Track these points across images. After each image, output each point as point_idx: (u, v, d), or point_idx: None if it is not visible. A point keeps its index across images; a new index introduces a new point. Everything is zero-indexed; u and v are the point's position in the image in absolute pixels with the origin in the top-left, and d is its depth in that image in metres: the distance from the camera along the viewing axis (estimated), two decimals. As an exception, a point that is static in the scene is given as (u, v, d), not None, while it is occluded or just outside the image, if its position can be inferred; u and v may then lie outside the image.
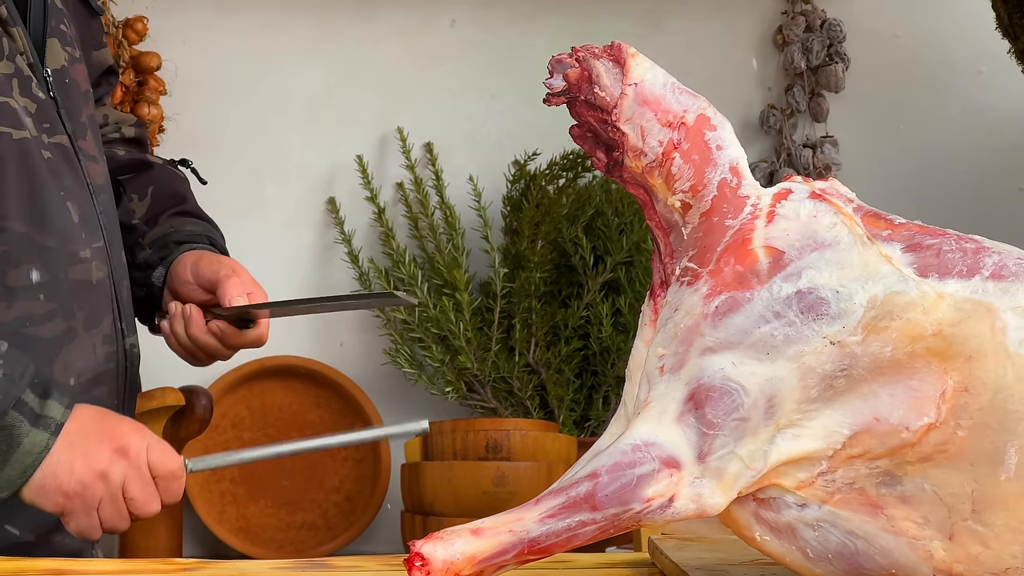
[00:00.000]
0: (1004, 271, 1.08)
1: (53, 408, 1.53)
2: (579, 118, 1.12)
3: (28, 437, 1.51)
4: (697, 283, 1.09)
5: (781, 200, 1.10)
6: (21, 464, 1.51)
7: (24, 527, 1.64)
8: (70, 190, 1.64)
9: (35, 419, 1.52)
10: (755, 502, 1.10)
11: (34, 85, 1.63)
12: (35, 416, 1.52)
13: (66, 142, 1.66)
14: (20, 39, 1.63)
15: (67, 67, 1.70)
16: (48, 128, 1.64)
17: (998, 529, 1.07)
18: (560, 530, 1.04)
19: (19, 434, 1.51)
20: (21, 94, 1.61)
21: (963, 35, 3.43)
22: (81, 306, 1.64)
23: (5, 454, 1.51)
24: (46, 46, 1.68)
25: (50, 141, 1.64)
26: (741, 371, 1.06)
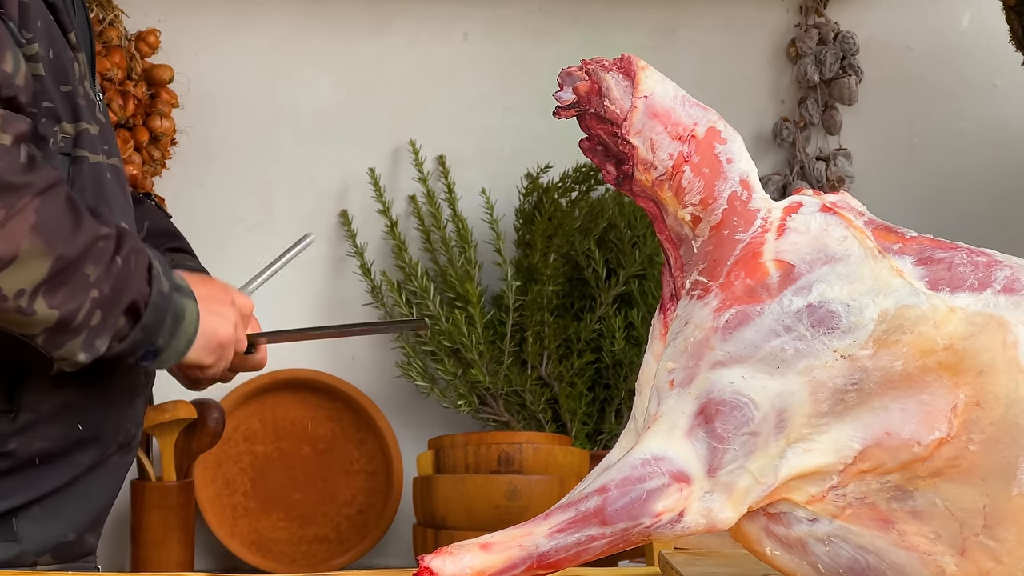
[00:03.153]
0: (1016, 285, 1.07)
1: (179, 279, 1.70)
2: (589, 131, 1.12)
3: (187, 310, 1.69)
4: (707, 297, 1.08)
5: (792, 213, 1.10)
6: (187, 334, 1.70)
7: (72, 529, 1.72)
8: (124, 210, 1.74)
9: (181, 290, 1.68)
10: (766, 517, 1.09)
11: (97, 109, 1.72)
12: (179, 287, 1.68)
13: (118, 163, 1.75)
14: (83, 65, 1.70)
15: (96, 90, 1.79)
16: (107, 150, 1.72)
17: (1010, 544, 1.06)
18: (570, 544, 1.04)
19: (181, 309, 1.68)
20: (90, 120, 1.69)
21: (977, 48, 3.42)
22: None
23: (174, 330, 1.68)
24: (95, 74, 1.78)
25: (108, 163, 1.72)
26: (751, 385, 1.05)
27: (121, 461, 1.78)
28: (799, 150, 3.47)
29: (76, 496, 1.72)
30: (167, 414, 2.98)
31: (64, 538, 1.71)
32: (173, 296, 1.66)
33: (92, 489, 1.74)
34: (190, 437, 3.03)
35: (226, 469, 3.22)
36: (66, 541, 1.71)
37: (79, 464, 1.71)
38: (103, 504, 1.77)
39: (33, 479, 1.68)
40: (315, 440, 3.25)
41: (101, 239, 1.58)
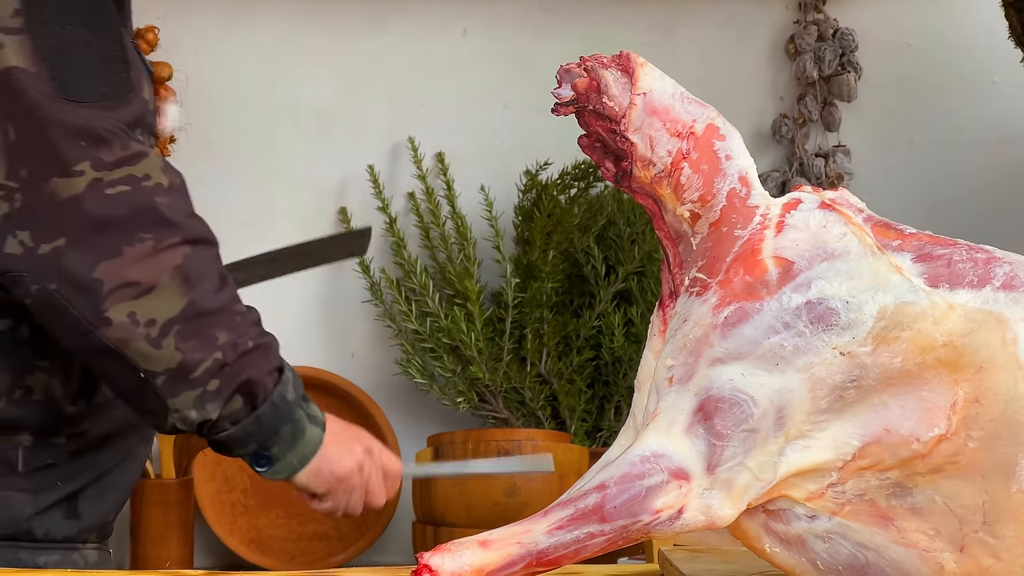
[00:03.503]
0: (1015, 281, 1.07)
1: (315, 409, 1.81)
2: (587, 128, 1.11)
3: (309, 431, 1.79)
4: (706, 293, 1.08)
5: (790, 210, 1.10)
6: (302, 453, 1.79)
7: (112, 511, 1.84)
8: None
9: (311, 417, 1.80)
10: (765, 513, 1.09)
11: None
12: (311, 415, 1.79)
13: None
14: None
15: None
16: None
17: (1009, 541, 1.06)
18: (568, 542, 1.04)
19: (303, 427, 1.78)
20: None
21: (976, 45, 3.42)
22: None
23: (291, 443, 1.77)
24: None
25: None
26: (750, 382, 1.05)
27: (144, 450, 1.88)
28: (798, 147, 3.47)
29: (117, 480, 1.83)
30: (166, 411, 2.98)
31: (107, 519, 1.83)
32: (298, 409, 1.77)
33: (125, 474, 1.84)
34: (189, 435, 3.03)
35: (225, 466, 3.21)
36: (107, 522, 1.83)
37: (125, 448, 1.82)
38: (129, 487, 1.86)
39: (94, 460, 1.79)
40: (314, 437, 3.25)
41: (240, 312, 1.70)
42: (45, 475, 1.76)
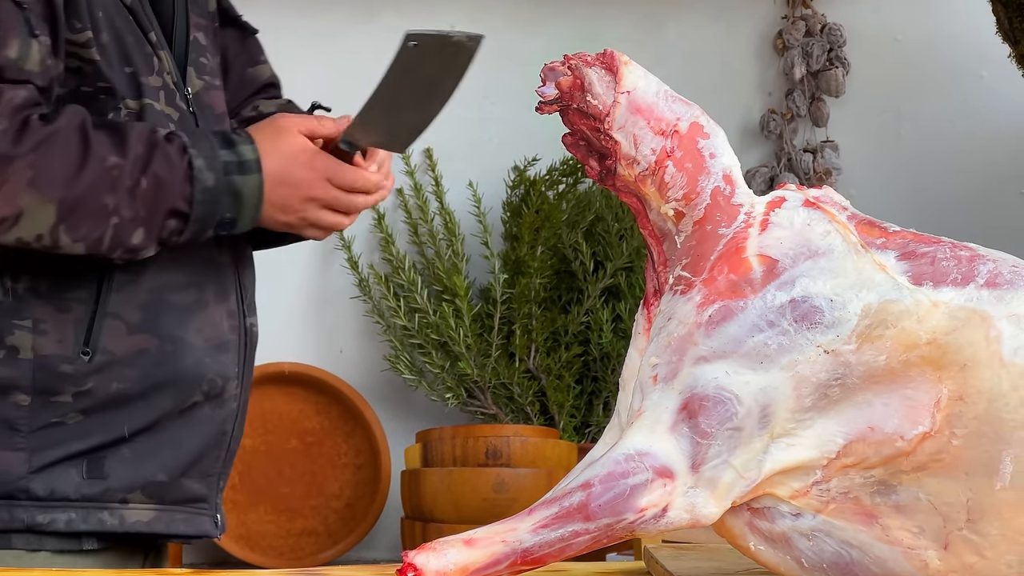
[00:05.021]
0: (999, 279, 1.07)
1: (246, 151, 1.83)
2: (572, 126, 1.11)
3: (246, 185, 1.82)
4: (690, 292, 1.08)
5: (775, 208, 1.10)
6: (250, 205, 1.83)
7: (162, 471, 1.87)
8: None
9: (240, 167, 1.82)
10: (749, 512, 1.09)
11: (177, 98, 1.90)
12: (240, 166, 1.82)
13: None
14: (166, 61, 1.89)
15: (202, 92, 1.97)
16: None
17: (993, 539, 1.06)
18: (553, 540, 1.04)
19: (237, 187, 1.81)
20: (167, 103, 1.88)
21: (964, 39, 3.42)
22: (212, 282, 1.92)
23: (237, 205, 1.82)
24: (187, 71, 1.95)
25: None
26: (735, 380, 1.05)
27: (214, 414, 1.91)
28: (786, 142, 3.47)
29: (165, 440, 1.87)
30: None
31: (154, 478, 1.86)
32: (224, 182, 1.80)
33: (181, 435, 1.88)
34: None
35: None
36: (156, 481, 1.86)
37: (159, 407, 1.85)
38: (195, 451, 1.90)
39: (117, 419, 1.83)
40: (303, 433, 3.25)
41: (114, 168, 1.75)
42: (50, 434, 1.81)
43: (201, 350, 1.89)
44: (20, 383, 1.80)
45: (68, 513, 1.82)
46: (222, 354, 1.92)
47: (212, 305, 1.92)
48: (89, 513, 1.83)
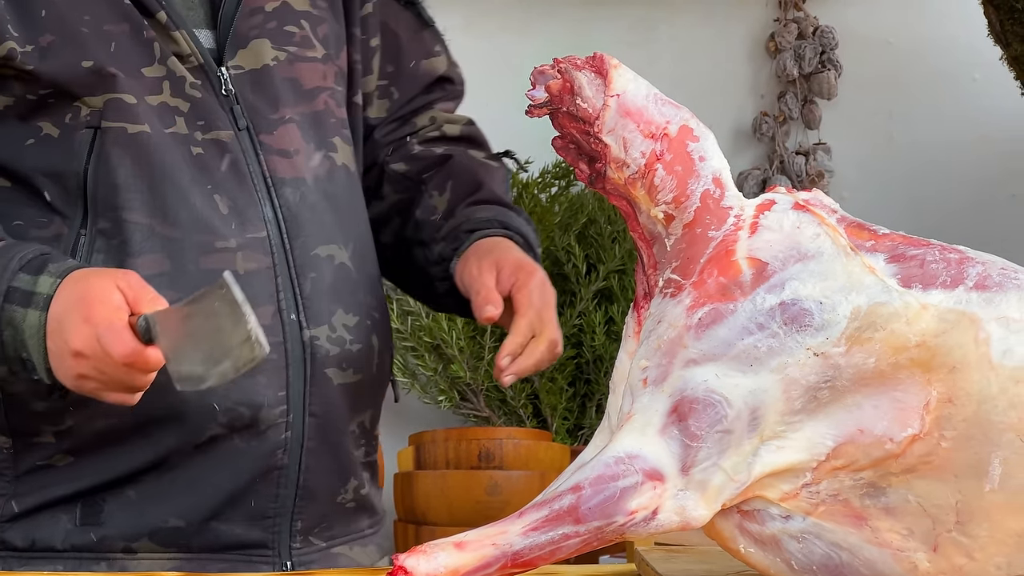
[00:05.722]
0: (988, 281, 1.08)
1: (43, 283, 1.53)
2: (561, 129, 1.11)
3: (26, 320, 1.53)
4: (680, 295, 1.08)
5: (764, 211, 1.10)
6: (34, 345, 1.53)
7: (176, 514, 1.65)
8: (222, 184, 1.67)
9: (27, 299, 1.53)
10: (739, 514, 1.10)
11: (188, 85, 1.68)
12: (28, 296, 1.53)
13: (229, 137, 1.69)
14: (184, 41, 1.68)
15: (273, 66, 1.73)
16: (203, 125, 1.68)
17: (982, 540, 1.07)
18: (543, 543, 1.04)
19: (19, 320, 1.53)
20: (173, 95, 1.67)
21: (955, 42, 3.43)
22: None
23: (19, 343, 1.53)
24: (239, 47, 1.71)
25: (204, 137, 1.68)
26: (724, 383, 1.05)
27: (249, 447, 1.65)
28: (779, 144, 3.48)
29: (178, 479, 1.64)
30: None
31: (165, 523, 1.64)
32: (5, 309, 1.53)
33: (201, 474, 1.65)
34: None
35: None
36: (170, 527, 1.64)
37: (163, 444, 1.63)
38: (227, 491, 1.65)
39: (114, 458, 1.63)
40: (296, 436, 3.24)
41: None
42: (36, 478, 1.64)
43: None
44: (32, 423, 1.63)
45: (53, 565, 1.63)
46: (245, 379, 1.58)
47: None
48: (81, 564, 1.63)
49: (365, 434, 1.78)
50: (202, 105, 1.68)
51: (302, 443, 1.67)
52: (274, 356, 1.64)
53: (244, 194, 1.68)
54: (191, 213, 1.65)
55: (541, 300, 1.74)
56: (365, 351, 1.73)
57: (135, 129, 1.64)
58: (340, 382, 1.70)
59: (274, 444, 1.65)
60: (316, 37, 1.78)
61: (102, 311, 1.49)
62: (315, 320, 1.68)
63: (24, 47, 1.62)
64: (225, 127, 1.69)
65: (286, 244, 1.69)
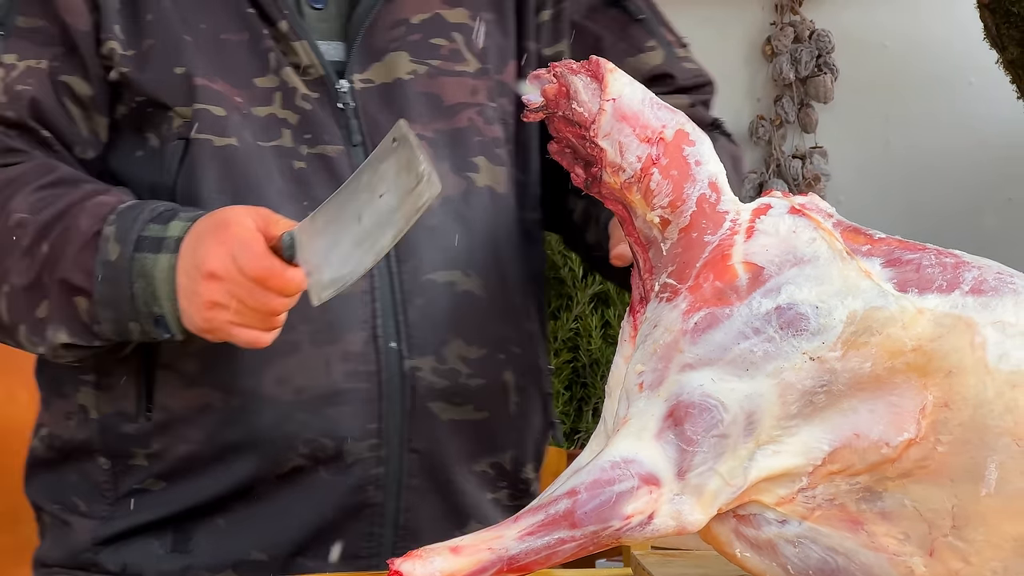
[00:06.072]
0: (984, 286, 1.08)
1: (174, 227, 1.48)
2: (557, 134, 1.11)
3: (157, 265, 1.47)
4: (676, 299, 1.08)
5: (760, 215, 1.10)
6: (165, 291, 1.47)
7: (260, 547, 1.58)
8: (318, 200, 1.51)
9: (157, 245, 1.48)
10: (735, 518, 1.10)
11: (299, 97, 1.60)
12: (158, 242, 1.48)
13: (337, 152, 1.59)
14: (304, 52, 1.60)
15: (408, 80, 1.63)
16: (310, 139, 1.59)
17: (978, 545, 1.07)
18: (539, 547, 1.04)
19: (150, 267, 1.47)
20: (283, 106, 1.59)
21: (951, 46, 3.43)
22: (306, 319, 1.52)
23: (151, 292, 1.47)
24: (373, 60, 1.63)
25: (310, 152, 1.59)
26: (720, 387, 1.05)
27: (335, 481, 1.56)
28: (775, 148, 3.48)
29: (264, 510, 1.57)
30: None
31: (247, 556, 1.57)
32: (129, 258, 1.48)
33: (286, 505, 1.57)
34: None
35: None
36: (251, 560, 1.57)
37: (244, 472, 1.56)
38: (312, 526, 1.57)
39: (196, 485, 1.57)
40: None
41: (18, 226, 1.52)
42: (133, 502, 1.59)
43: (288, 405, 1.54)
44: (97, 446, 1.59)
45: None
46: (329, 408, 1.55)
47: (307, 348, 1.55)
48: None
49: (506, 476, 1.67)
50: (312, 118, 1.60)
51: (399, 480, 1.57)
52: (365, 386, 1.56)
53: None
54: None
55: None
56: (492, 387, 1.61)
57: (222, 142, 1.57)
58: (451, 418, 1.59)
59: (363, 479, 1.56)
60: (471, 50, 1.67)
61: (237, 232, 1.43)
62: (418, 350, 1.58)
63: (126, 51, 1.58)
64: (335, 142, 1.60)
65: (392, 267, 1.58)
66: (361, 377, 1.55)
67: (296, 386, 1.55)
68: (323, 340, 1.55)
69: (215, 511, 1.57)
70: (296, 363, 1.54)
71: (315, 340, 1.55)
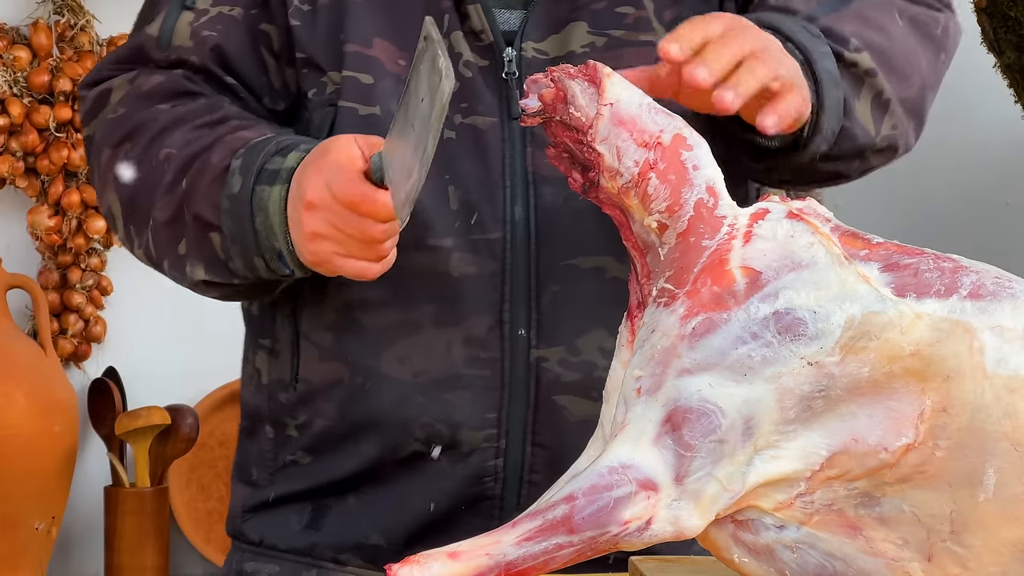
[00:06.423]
0: (982, 290, 1.08)
1: (291, 159, 1.43)
2: (555, 138, 1.11)
3: (271, 197, 1.43)
4: (674, 304, 1.08)
5: (758, 220, 1.10)
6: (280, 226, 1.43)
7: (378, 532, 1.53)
8: (463, 175, 1.50)
9: (274, 177, 1.43)
10: (733, 524, 1.10)
11: (462, 64, 1.51)
12: (275, 174, 1.43)
13: (489, 125, 1.51)
14: (477, 16, 1.50)
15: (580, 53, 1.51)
16: (465, 108, 1.51)
17: (977, 550, 1.07)
18: (537, 553, 1.04)
19: (266, 199, 1.43)
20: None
21: (949, 50, 3.42)
22: (430, 299, 1.48)
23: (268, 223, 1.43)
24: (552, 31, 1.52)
25: (463, 121, 1.51)
26: (718, 392, 1.05)
27: (454, 470, 1.50)
28: (773, 153, 3.48)
29: (388, 494, 1.52)
30: (141, 420, 2.98)
31: (366, 540, 1.52)
32: (248, 191, 1.44)
33: (406, 492, 1.51)
34: (164, 443, 3.03)
35: (200, 474, 3.21)
36: (369, 544, 1.52)
37: (368, 454, 1.51)
38: (427, 515, 1.51)
39: (333, 462, 1.53)
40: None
41: (165, 161, 1.49)
42: (286, 473, 1.55)
43: (407, 386, 1.49)
44: (263, 412, 1.56)
45: (271, 566, 1.56)
46: (447, 393, 1.49)
47: (429, 329, 1.49)
48: (298, 569, 1.54)
49: None
50: (471, 87, 1.51)
51: (521, 475, 1.49)
52: (487, 373, 1.49)
53: (487, 189, 1.50)
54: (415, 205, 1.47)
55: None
56: None
57: (366, 111, 1.50)
58: (586, 414, 1.45)
59: (480, 470, 1.49)
60: (660, 19, 1.53)
61: (334, 158, 1.37)
62: (547, 339, 1.49)
63: (302, 4, 1.53)
64: (490, 113, 1.51)
65: (531, 249, 1.49)
66: (483, 363, 1.48)
67: (416, 367, 1.49)
68: (446, 321, 1.48)
69: (348, 490, 1.53)
70: (417, 343, 1.49)
71: (438, 321, 1.48)
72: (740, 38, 1.29)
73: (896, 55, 1.50)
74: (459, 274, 1.48)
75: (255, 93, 1.57)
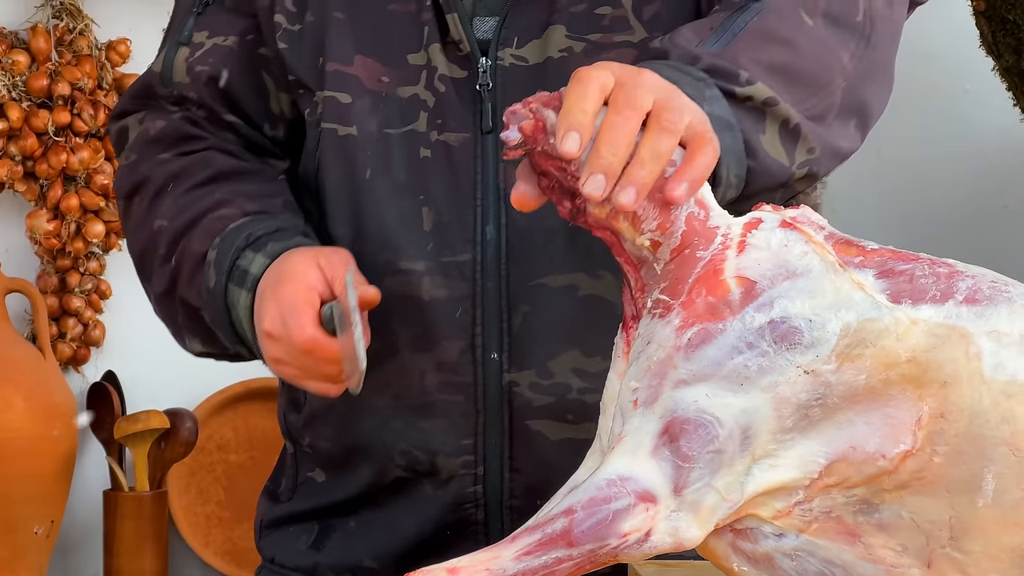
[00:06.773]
0: (978, 295, 1.08)
1: (258, 263, 1.44)
2: (539, 168, 1.09)
3: (239, 302, 1.45)
4: (669, 315, 1.08)
5: (752, 230, 1.10)
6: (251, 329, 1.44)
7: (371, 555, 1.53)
8: (436, 194, 1.48)
9: (243, 279, 1.45)
10: (732, 533, 1.09)
11: (436, 77, 1.48)
12: (243, 276, 1.45)
13: (460, 141, 1.48)
14: (455, 26, 1.47)
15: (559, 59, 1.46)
16: (440, 124, 1.48)
17: (976, 556, 1.07)
18: (537, 567, 1.03)
19: (235, 300, 1.45)
20: (426, 86, 1.48)
21: (947, 53, 3.42)
22: (404, 324, 1.47)
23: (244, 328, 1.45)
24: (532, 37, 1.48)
25: (438, 139, 1.48)
26: (715, 403, 1.05)
27: (436, 495, 1.49)
28: (769, 151, 3.48)
29: (382, 518, 1.52)
30: (139, 424, 2.97)
31: (361, 562, 1.53)
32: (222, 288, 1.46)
33: (396, 516, 1.51)
34: (163, 447, 3.03)
35: (199, 478, 3.21)
36: (364, 567, 1.52)
37: (362, 478, 1.52)
38: (414, 539, 1.50)
39: (337, 483, 1.54)
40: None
41: (156, 236, 1.52)
42: (302, 490, 1.57)
43: (386, 412, 1.49)
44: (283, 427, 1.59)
45: None
46: (423, 420, 1.47)
47: (406, 354, 1.47)
48: None
49: None
50: (445, 101, 1.48)
51: (501, 500, 1.47)
52: (460, 399, 1.46)
53: (458, 208, 1.47)
54: (382, 227, 1.48)
55: None
56: None
57: (344, 131, 1.49)
58: (565, 437, 1.45)
59: (461, 496, 1.47)
60: (639, 16, 1.47)
61: (291, 290, 1.38)
62: (518, 362, 1.45)
63: (291, 25, 1.52)
64: (463, 128, 1.48)
65: (502, 270, 1.46)
66: (456, 389, 1.46)
67: (394, 393, 1.48)
68: (419, 347, 1.47)
69: (350, 512, 1.53)
70: (394, 369, 1.47)
71: (413, 346, 1.47)
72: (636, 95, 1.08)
73: (803, 67, 1.37)
74: (430, 298, 1.46)
75: (254, 123, 1.58)
